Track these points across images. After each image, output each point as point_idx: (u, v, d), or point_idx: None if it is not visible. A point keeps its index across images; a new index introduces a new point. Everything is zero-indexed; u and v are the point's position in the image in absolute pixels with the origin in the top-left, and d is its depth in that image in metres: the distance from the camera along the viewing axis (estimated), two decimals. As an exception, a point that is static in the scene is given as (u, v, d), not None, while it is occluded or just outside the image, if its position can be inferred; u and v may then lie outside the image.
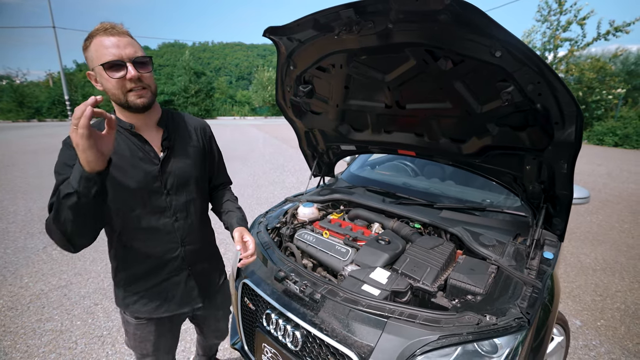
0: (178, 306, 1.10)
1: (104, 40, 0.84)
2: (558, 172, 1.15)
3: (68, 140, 0.89)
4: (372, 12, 1.01)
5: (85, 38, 0.87)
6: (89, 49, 0.86)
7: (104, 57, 0.84)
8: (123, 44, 0.85)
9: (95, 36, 0.85)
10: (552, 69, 0.90)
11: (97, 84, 0.91)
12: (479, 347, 0.91)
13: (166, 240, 1.02)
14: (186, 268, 1.09)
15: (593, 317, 2.26)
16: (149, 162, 0.97)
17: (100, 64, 0.84)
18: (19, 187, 5.36)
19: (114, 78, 0.85)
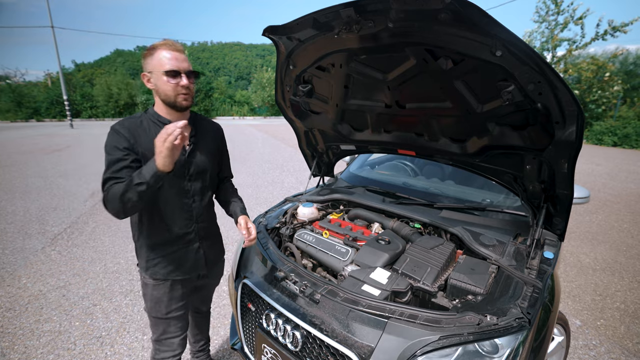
0: (188, 271, 1.30)
1: (167, 53, 1.09)
2: (558, 172, 1.15)
3: (116, 127, 1.12)
4: (372, 11, 1.00)
5: (149, 47, 1.12)
6: (153, 57, 1.09)
7: (166, 65, 1.08)
8: (181, 59, 1.11)
9: (159, 48, 1.09)
10: (553, 68, 0.89)
11: (149, 83, 1.13)
12: (479, 347, 0.91)
13: (185, 217, 1.24)
14: (197, 241, 1.30)
15: (593, 317, 2.26)
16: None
17: (162, 70, 1.08)
18: (17, 187, 5.34)
19: (171, 83, 1.10)
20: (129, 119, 1.16)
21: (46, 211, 4.28)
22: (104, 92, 23.71)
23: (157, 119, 1.17)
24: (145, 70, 1.13)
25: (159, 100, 1.15)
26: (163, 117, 1.17)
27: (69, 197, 4.91)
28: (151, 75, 1.12)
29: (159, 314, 1.29)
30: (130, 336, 2.05)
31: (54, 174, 6.30)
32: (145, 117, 1.18)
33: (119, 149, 1.08)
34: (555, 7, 12.48)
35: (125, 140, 1.09)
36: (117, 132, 1.11)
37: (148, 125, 1.16)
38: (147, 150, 1.11)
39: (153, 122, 1.17)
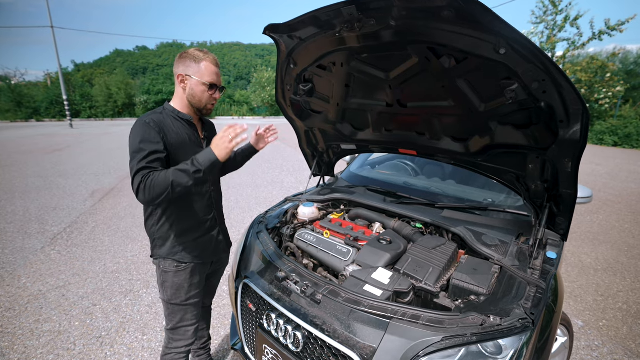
0: (211, 255, 1.41)
1: (213, 67, 1.23)
2: (562, 171, 1.14)
3: (148, 120, 1.17)
4: (374, 9, 0.99)
5: (193, 52, 1.22)
6: (198, 65, 1.20)
7: (209, 78, 1.22)
8: (219, 75, 1.28)
9: (206, 59, 1.21)
10: (557, 66, 0.88)
11: (182, 84, 1.23)
12: (483, 348, 0.90)
13: (206, 204, 1.35)
14: (217, 226, 1.42)
15: (595, 318, 2.25)
16: (198, 145, 1.30)
17: (204, 81, 1.21)
18: (17, 187, 5.34)
19: (208, 93, 1.24)
20: (154, 114, 1.22)
21: (46, 211, 4.27)
22: (103, 92, 23.72)
23: (178, 116, 1.26)
24: (182, 72, 1.21)
25: (186, 100, 1.24)
26: (184, 114, 1.27)
27: (69, 196, 4.90)
28: (190, 79, 1.21)
29: (179, 300, 1.34)
30: (130, 336, 2.04)
31: (54, 173, 6.29)
32: (165, 113, 1.24)
33: (153, 142, 1.13)
34: (553, 7, 12.48)
35: (157, 133, 1.15)
36: (149, 125, 1.16)
37: (171, 121, 1.23)
38: (172, 144, 1.19)
39: (173, 118, 1.25)
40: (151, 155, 1.11)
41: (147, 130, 1.15)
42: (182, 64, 1.22)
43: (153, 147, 1.12)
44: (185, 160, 1.15)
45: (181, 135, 1.24)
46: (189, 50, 1.24)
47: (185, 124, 1.28)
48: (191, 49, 1.26)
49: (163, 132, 1.18)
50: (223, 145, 1.08)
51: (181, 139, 1.24)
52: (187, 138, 1.26)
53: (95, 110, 23.83)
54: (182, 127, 1.26)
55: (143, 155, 1.11)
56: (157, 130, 1.16)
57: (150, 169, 1.10)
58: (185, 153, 1.22)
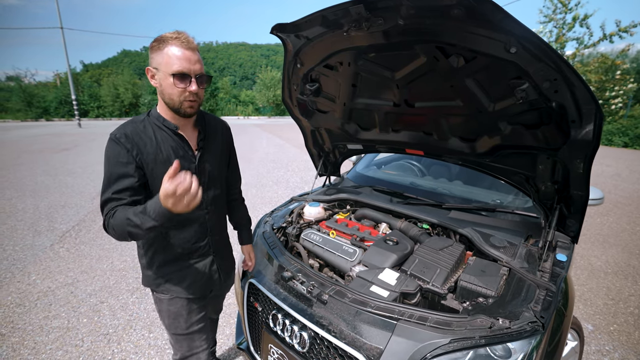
0: (203, 288, 1.20)
1: (178, 51, 0.93)
2: (573, 172, 1.12)
3: (116, 135, 0.97)
4: (382, 8, 0.99)
5: (156, 38, 0.96)
6: (161, 52, 0.94)
7: (175, 66, 0.93)
8: (193, 59, 0.96)
9: (169, 42, 0.93)
10: (570, 65, 0.87)
11: (153, 80, 0.99)
12: (491, 351, 0.89)
13: (198, 230, 1.14)
14: (211, 254, 1.20)
15: (605, 322, 2.20)
16: (188, 160, 1.07)
17: (169, 71, 0.94)
18: (27, 185, 5.43)
19: (177, 87, 0.96)
20: (131, 124, 1.01)
21: (55, 209, 4.34)
22: (111, 92, 24.02)
23: (163, 123, 1.03)
24: (150, 65, 0.98)
25: (163, 101, 1.01)
26: (168, 121, 1.03)
27: (77, 195, 4.97)
28: (157, 72, 0.97)
29: (180, 330, 1.18)
30: (137, 334, 2.06)
31: (63, 172, 6.39)
32: (148, 121, 1.03)
33: (121, 163, 0.95)
34: (562, 6, 12.29)
35: (126, 151, 0.95)
36: (117, 142, 0.96)
37: (153, 130, 1.02)
38: (153, 160, 0.99)
39: (158, 127, 1.03)
40: (117, 181, 0.94)
41: (114, 149, 0.95)
42: (150, 55, 0.97)
43: (120, 170, 0.94)
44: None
45: (164, 149, 1.01)
46: (157, 37, 0.97)
47: (169, 134, 1.03)
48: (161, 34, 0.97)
49: (137, 147, 0.96)
50: (170, 201, 0.81)
51: (164, 155, 1.01)
52: (172, 153, 1.02)
53: (102, 110, 24.16)
54: (166, 139, 1.02)
55: (108, 183, 0.94)
56: (128, 147, 0.95)
57: (117, 200, 0.93)
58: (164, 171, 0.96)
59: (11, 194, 4.93)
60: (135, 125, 1.01)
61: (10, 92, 23.38)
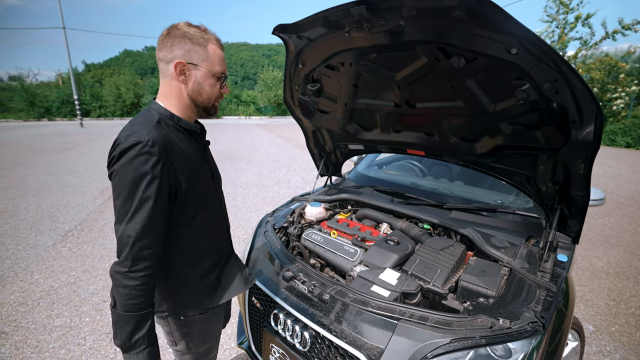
0: (238, 287, 1.12)
1: (220, 52, 0.91)
2: (574, 173, 1.12)
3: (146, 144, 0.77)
4: (383, 9, 0.99)
5: (197, 36, 0.86)
6: (204, 48, 0.86)
7: (220, 67, 0.90)
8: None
9: (212, 41, 0.88)
10: (571, 65, 0.87)
11: (181, 76, 0.86)
12: (492, 351, 0.89)
13: (221, 231, 1.09)
14: (232, 251, 1.16)
15: (607, 322, 2.20)
16: (203, 160, 0.99)
17: (215, 71, 0.89)
18: (30, 184, 5.46)
19: (218, 87, 0.93)
20: (152, 128, 0.81)
21: (57, 208, 4.36)
22: (113, 92, 24.08)
23: (178, 124, 0.90)
24: (183, 59, 0.85)
25: (187, 99, 0.90)
26: (186, 121, 0.92)
27: (79, 194, 4.99)
28: (195, 69, 0.86)
29: (209, 345, 1.13)
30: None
31: (65, 172, 6.41)
32: (164, 123, 0.87)
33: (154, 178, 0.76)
34: (564, 7, 12.26)
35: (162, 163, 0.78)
36: (149, 152, 0.76)
37: (174, 134, 0.87)
38: (184, 165, 0.86)
39: (175, 129, 0.89)
40: (157, 215, 0.77)
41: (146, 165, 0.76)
42: (179, 46, 0.84)
43: (158, 192, 0.77)
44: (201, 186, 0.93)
45: (188, 151, 0.90)
46: (181, 27, 0.85)
47: (188, 136, 0.93)
48: (182, 23, 0.86)
49: (170, 155, 0.81)
50: None
51: (190, 158, 0.90)
52: (195, 154, 0.93)
53: (104, 109, 24.22)
54: (187, 142, 0.91)
55: (139, 219, 0.75)
56: (158, 155, 0.77)
57: (149, 247, 0.78)
58: (198, 179, 0.93)
59: (14, 194, 4.95)
60: (157, 129, 0.82)
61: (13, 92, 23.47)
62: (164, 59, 0.86)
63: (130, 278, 0.77)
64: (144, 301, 0.80)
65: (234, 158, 7.93)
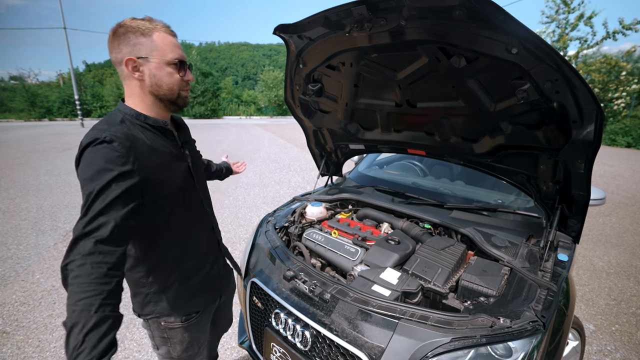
0: (223, 291, 1.15)
1: (171, 38, 0.87)
2: (574, 172, 1.12)
3: (107, 137, 0.76)
4: (384, 9, 0.99)
5: (132, 25, 0.83)
6: (150, 39, 0.83)
7: (172, 53, 0.86)
8: (182, 48, 0.90)
9: (157, 30, 0.85)
10: (571, 65, 0.87)
11: (135, 73, 0.85)
12: (492, 350, 0.89)
13: (207, 232, 1.08)
14: (220, 252, 1.15)
15: (607, 322, 2.20)
16: (181, 158, 0.97)
17: (168, 59, 0.86)
18: (31, 184, 5.47)
19: (178, 75, 0.89)
20: (115, 125, 0.81)
21: (58, 208, 4.37)
22: (113, 92, 24.12)
23: (145, 122, 0.88)
24: (132, 55, 0.82)
25: (149, 95, 0.88)
26: (153, 118, 0.90)
27: (80, 194, 5.00)
28: (147, 62, 0.83)
29: (192, 352, 1.11)
30: (140, 332, 2.08)
31: (66, 171, 6.42)
32: (129, 122, 0.86)
33: (117, 176, 0.75)
34: (565, 6, 12.24)
35: (120, 158, 0.76)
36: (112, 147, 0.76)
37: (140, 132, 0.86)
38: (152, 164, 0.85)
39: (142, 127, 0.87)
40: (114, 204, 0.73)
41: (106, 156, 0.75)
42: (125, 43, 0.82)
43: (116, 187, 0.74)
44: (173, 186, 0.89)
45: (160, 151, 0.88)
46: (124, 23, 0.83)
47: (156, 133, 0.90)
48: (125, 20, 0.84)
49: (135, 152, 0.80)
50: None
51: (160, 156, 0.88)
52: (167, 151, 0.91)
53: (105, 109, 24.25)
54: (157, 139, 0.89)
55: (93, 204, 0.72)
56: (119, 152, 0.76)
57: (96, 230, 0.70)
58: (171, 177, 0.90)
59: (15, 194, 4.96)
60: (121, 127, 0.82)
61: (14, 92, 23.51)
62: (116, 60, 0.85)
63: (68, 266, 0.71)
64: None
65: (235, 158, 7.93)
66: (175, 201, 0.94)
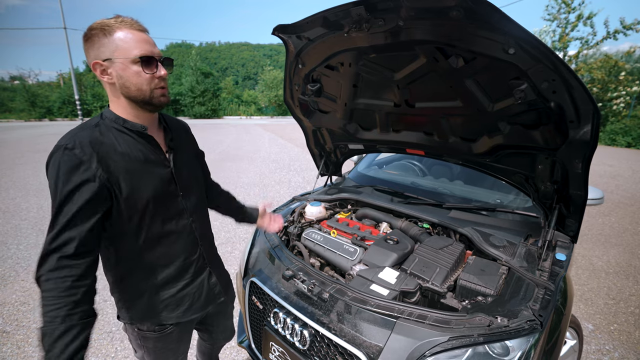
0: (204, 305, 1.09)
1: (134, 34, 0.81)
2: (572, 172, 1.13)
3: (69, 144, 0.77)
4: (382, 10, 1.00)
5: (93, 27, 0.80)
6: (111, 39, 0.79)
7: (136, 50, 0.80)
8: (152, 42, 0.84)
9: (119, 27, 0.80)
10: (567, 65, 0.87)
11: (104, 76, 0.82)
12: (490, 349, 0.90)
13: (187, 242, 1.01)
14: (207, 266, 1.10)
15: (606, 321, 2.21)
16: (161, 164, 0.93)
17: (132, 57, 0.80)
18: (31, 184, 5.47)
19: (146, 74, 0.82)
20: (84, 130, 0.82)
21: (59, 208, 4.38)
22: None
23: (123, 126, 0.86)
24: (98, 58, 0.80)
25: (124, 98, 0.85)
26: (131, 121, 0.87)
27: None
28: (112, 63, 0.80)
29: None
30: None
31: (66, 172, 6.42)
32: (105, 125, 0.85)
33: (78, 185, 0.75)
34: (566, 6, 12.24)
35: (81, 164, 0.76)
36: (72, 154, 0.76)
37: (114, 135, 0.85)
38: (122, 170, 0.82)
39: (118, 131, 0.86)
40: (76, 215, 0.74)
41: (67, 163, 0.76)
42: (91, 47, 0.80)
43: (79, 197, 0.74)
44: (146, 192, 0.86)
45: (132, 154, 0.86)
46: (91, 26, 0.81)
47: (134, 138, 0.88)
48: (93, 24, 0.81)
49: (100, 160, 0.78)
50: None
51: (133, 162, 0.85)
52: (143, 158, 0.88)
53: (105, 109, 24.29)
54: (133, 144, 0.87)
55: (56, 217, 0.74)
56: (85, 160, 0.76)
57: (63, 250, 0.73)
58: (139, 181, 0.86)
59: (15, 194, 4.97)
60: (90, 132, 0.81)
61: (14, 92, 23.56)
62: (90, 66, 0.83)
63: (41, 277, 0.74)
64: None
65: (235, 158, 7.94)
66: (148, 209, 0.90)
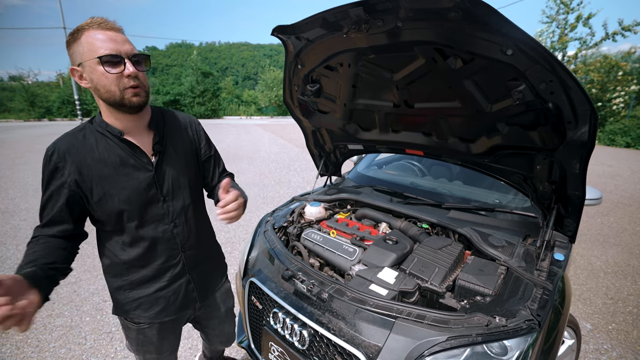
0: (178, 310, 1.10)
1: (99, 34, 0.80)
2: (570, 172, 1.13)
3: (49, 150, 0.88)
4: (381, 11, 1.00)
5: (71, 32, 0.82)
6: (79, 42, 0.80)
7: (100, 50, 0.79)
8: (120, 40, 0.82)
9: (86, 29, 0.80)
10: (565, 66, 0.88)
11: (82, 81, 0.84)
12: (488, 348, 0.90)
13: (167, 247, 1.01)
14: (186, 273, 1.09)
15: (604, 321, 2.21)
16: (142, 168, 0.94)
17: (96, 57, 0.79)
18: (31, 184, 5.47)
19: (111, 73, 0.80)
20: (66, 136, 0.90)
21: (58, 208, 4.37)
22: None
23: (106, 129, 0.89)
24: (74, 64, 0.83)
25: (102, 101, 0.86)
26: (112, 125, 0.89)
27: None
28: (83, 68, 0.82)
29: (148, 355, 1.14)
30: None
31: (66, 172, 6.42)
32: (90, 130, 0.90)
33: (50, 185, 0.87)
34: (565, 7, 12.27)
35: (57, 170, 0.85)
36: (48, 159, 0.86)
37: (95, 139, 0.89)
38: (95, 175, 0.87)
39: (101, 134, 0.90)
40: (46, 208, 0.87)
41: (45, 167, 0.87)
42: (69, 54, 0.83)
43: (48, 194, 0.87)
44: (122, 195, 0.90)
45: (108, 159, 0.88)
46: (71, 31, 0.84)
47: (114, 142, 0.90)
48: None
49: (74, 163, 0.85)
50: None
51: (109, 166, 0.89)
52: (120, 163, 0.90)
53: (105, 110, 24.25)
54: (112, 147, 0.90)
55: (41, 207, 0.88)
56: (59, 164, 0.85)
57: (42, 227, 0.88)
58: (115, 184, 0.89)
59: (14, 194, 4.96)
60: (72, 137, 0.89)
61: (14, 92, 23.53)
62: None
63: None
64: None
65: (235, 158, 7.94)
66: (124, 213, 0.93)
